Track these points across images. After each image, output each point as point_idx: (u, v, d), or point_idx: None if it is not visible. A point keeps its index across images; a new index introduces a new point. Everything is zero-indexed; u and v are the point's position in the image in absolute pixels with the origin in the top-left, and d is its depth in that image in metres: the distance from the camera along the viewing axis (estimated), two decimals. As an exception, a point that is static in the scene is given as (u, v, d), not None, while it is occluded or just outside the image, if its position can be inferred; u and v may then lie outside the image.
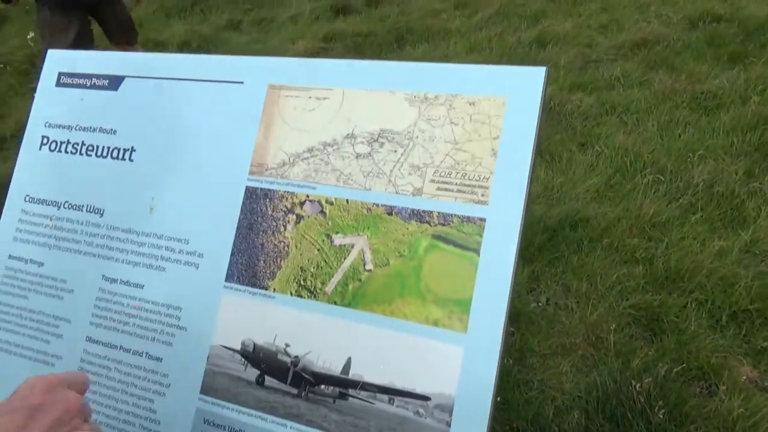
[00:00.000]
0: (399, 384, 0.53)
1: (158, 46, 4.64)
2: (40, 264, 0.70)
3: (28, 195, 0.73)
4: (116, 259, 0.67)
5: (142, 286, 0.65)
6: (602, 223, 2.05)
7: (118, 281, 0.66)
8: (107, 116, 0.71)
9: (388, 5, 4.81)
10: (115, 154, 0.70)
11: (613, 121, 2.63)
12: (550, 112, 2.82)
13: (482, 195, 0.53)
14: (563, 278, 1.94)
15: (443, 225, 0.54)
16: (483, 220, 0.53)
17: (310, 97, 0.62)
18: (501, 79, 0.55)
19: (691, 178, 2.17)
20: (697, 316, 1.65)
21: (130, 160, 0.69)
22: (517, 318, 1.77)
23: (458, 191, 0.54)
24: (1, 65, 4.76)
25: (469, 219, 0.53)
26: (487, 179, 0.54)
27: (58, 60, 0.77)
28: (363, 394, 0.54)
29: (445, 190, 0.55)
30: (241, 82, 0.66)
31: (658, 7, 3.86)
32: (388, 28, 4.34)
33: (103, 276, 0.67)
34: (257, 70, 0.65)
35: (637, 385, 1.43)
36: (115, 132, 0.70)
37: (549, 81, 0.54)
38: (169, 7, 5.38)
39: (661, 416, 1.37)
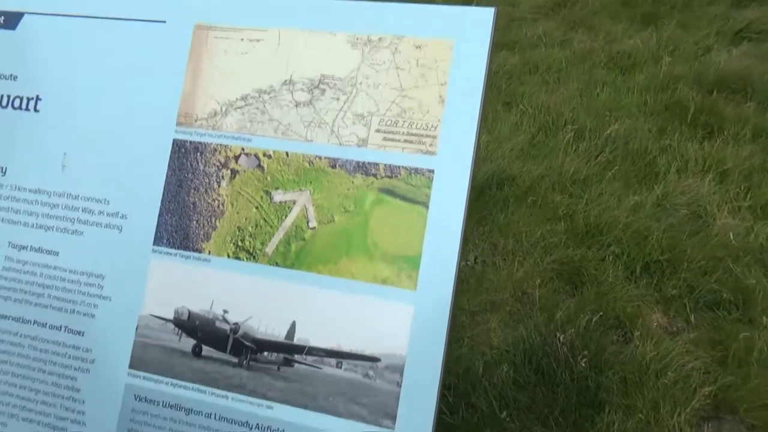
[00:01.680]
0: (347, 347, 0.51)
1: None
2: (-69, 231, 0.61)
3: None
4: (24, 224, 0.59)
5: (56, 253, 0.58)
6: (527, 181, 2.11)
7: (28, 248, 0.59)
8: (5, 59, 0.62)
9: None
10: (17, 103, 0.61)
11: (536, 80, 2.68)
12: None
13: (430, 145, 0.51)
14: (490, 236, 1.98)
15: (390, 177, 0.52)
16: (431, 171, 0.51)
17: (242, 39, 0.57)
18: (448, 20, 0.52)
19: (609, 135, 2.26)
20: (614, 269, 1.74)
21: (36, 110, 0.61)
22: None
23: (405, 141, 0.52)
24: None
25: (417, 171, 0.51)
26: (435, 128, 0.51)
27: (-63, -5, 0.66)
28: (309, 359, 0.52)
29: (392, 140, 0.52)
30: (164, 21, 0.59)
31: (576, -32, 3.94)
32: None
33: (10, 243, 0.59)
34: (182, 8, 0.59)
35: (561, 337, 1.50)
36: (15, 78, 0.62)
37: (497, 22, 0.52)
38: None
39: (583, 365, 1.44)
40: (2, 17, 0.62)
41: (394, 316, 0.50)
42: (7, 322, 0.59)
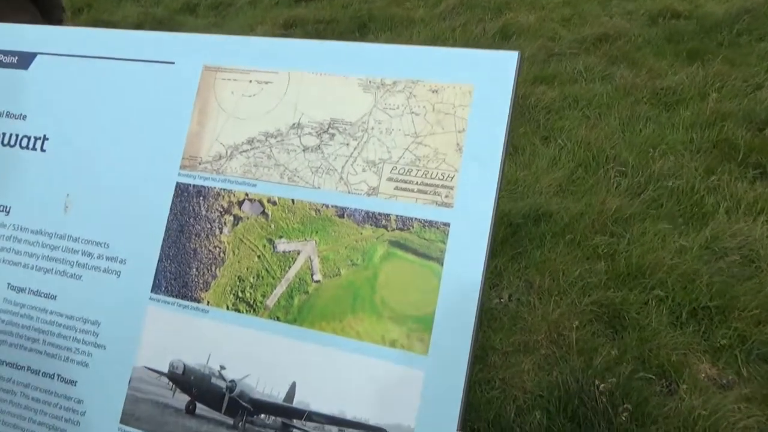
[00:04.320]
0: (350, 414, 0.46)
1: (109, 27, 4.42)
2: (-65, 269, 0.60)
3: None
4: (24, 265, 0.57)
5: (54, 297, 0.56)
6: (565, 218, 2.03)
7: (27, 290, 0.57)
8: (16, 99, 0.61)
9: (351, -8, 4.71)
10: (24, 143, 0.60)
11: (576, 114, 2.62)
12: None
13: (446, 196, 0.47)
14: (526, 274, 1.91)
15: (402, 230, 0.47)
16: (447, 225, 0.46)
17: (250, 81, 0.54)
18: (468, 64, 0.48)
19: (652, 173, 2.16)
20: (657, 314, 1.64)
21: (42, 150, 0.59)
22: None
23: (419, 191, 0.48)
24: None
25: (431, 223, 0.47)
26: (452, 178, 0.47)
27: (-40, 32, 0.66)
28: (309, 425, 0.47)
29: (405, 189, 0.48)
30: (172, 63, 0.57)
31: (619, 2, 3.88)
32: (350, 16, 4.24)
33: (9, 284, 0.57)
34: (190, 49, 0.57)
35: (600, 385, 1.41)
36: (24, 117, 0.61)
37: (521, 68, 0.47)
38: (121, -13, 5.14)
39: (624, 417, 1.34)
40: (16, 57, 0.62)
41: (403, 383, 0.45)
42: (2, 368, 0.56)
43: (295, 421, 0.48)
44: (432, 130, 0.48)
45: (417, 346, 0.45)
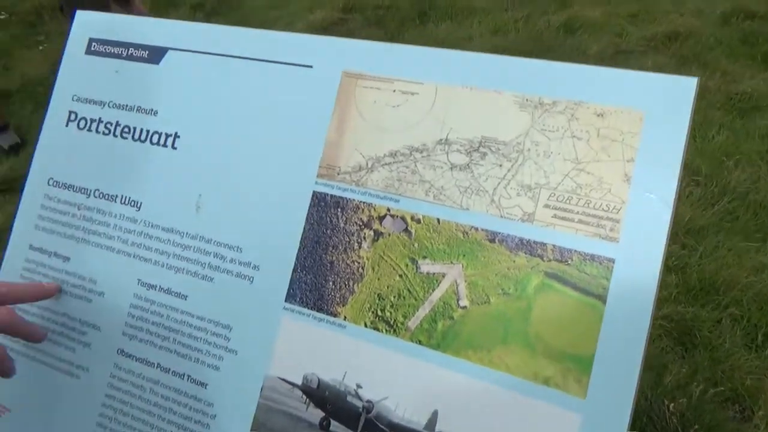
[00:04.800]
0: (496, 447, 0.45)
1: (170, 5, 4.47)
2: (66, 259, 0.61)
3: (52, 178, 0.64)
4: (155, 262, 0.58)
5: (185, 297, 0.56)
6: (633, 226, 1.97)
7: (157, 288, 0.57)
8: (147, 94, 0.61)
9: (412, -22, 4.65)
10: (155, 139, 0.60)
11: (646, 117, 2.53)
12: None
13: (611, 230, 0.44)
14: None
15: (560, 261, 0.45)
16: (611, 260, 0.44)
17: (394, 91, 0.53)
18: (638, 88, 0.46)
19: (727, 184, 2.08)
20: (731, 334, 1.58)
21: (173, 147, 0.59)
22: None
23: (580, 222, 0.45)
24: (6, 15, 4.59)
25: (593, 258, 0.44)
26: (618, 210, 0.44)
27: (89, 23, 0.66)
28: (452, 455, 0.46)
29: (564, 219, 0.46)
30: (310, 66, 0.56)
31: (689, -2, 3.73)
32: (411, 2, 4.18)
33: (139, 280, 0.58)
34: (330, 53, 0.56)
35: (670, 405, 1.37)
36: (155, 113, 0.61)
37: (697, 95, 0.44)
38: (184, -36, 5.18)
39: (696, 439, 1.30)
40: (147, 51, 0.62)
41: (556, 426, 0.43)
42: (132, 362, 0.57)
43: (434, 448, 0.47)
44: (596, 157, 0.46)
45: (573, 387, 0.43)
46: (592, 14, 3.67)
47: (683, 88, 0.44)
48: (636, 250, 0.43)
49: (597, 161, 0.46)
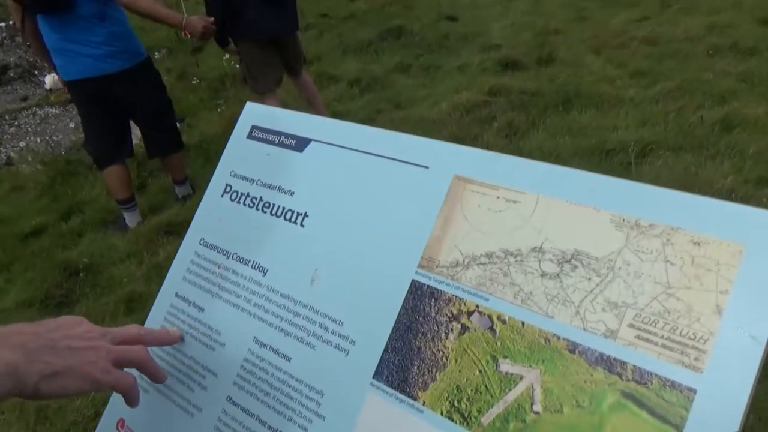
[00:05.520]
0: None
1: (331, 79, 4.94)
2: (201, 309, 0.72)
3: (203, 238, 0.76)
4: (270, 324, 0.66)
5: (289, 359, 0.63)
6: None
7: (268, 347, 0.65)
8: (288, 176, 0.72)
9: (560, 65, 4.70)
10: (288, 216, 0.70)
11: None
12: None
13: (695, 359, 0.44)
14: None
15: (638, 383, 0.45)
16: (693, 391, 0.43)
17: (498, 197, 0.57)
18: (740, 220, 0.46)
19: None
20: None
21: (302, 225, 0.68)
22: None
23: (663, 346, 0.45)
24: (198, 81, 5.37)
25: (674, 385, 0.44)
26: (706, 341, 0.44)
27: (255, 113, 0.80)
28: None
29: (647, 341, 0.46)
30: (426, 167, 0.62)
31: None
32: (556, 89, 4.22)
33: (255, 338, 0.66)
34: (445, 157, 0.62)
35: None
36: (292, 194, 0.70)
37: (804, 234, 0.43)
38: (347, 44, 5.74)
39: None
40: (294, 140, 0.73)
41: None
42: (237, 410, 0.64)
43: None
44: (688, 284, 0.46)
45: None
46: (754, 112, 3.43)
47: (788, 225, 0.44)
48: (721, 384, 0.42)
49: (688, 288, 0.46)
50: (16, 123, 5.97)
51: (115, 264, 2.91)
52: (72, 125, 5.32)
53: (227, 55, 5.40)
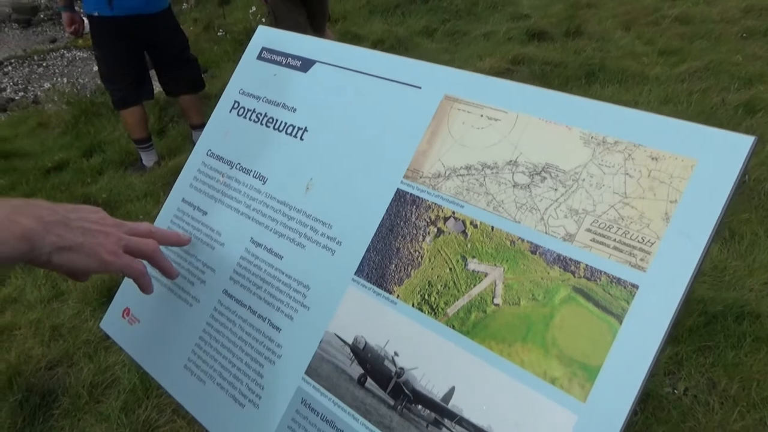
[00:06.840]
0: (498, 431, 0.50)
1: (355, 38, 4.93)
2: (204, 213, 0.77)
3: (210, 150, 0.81)
4: (266, 226, 0.71)
5: (281, 257, 0.68)
6: (776, 324, 1.78)
7: (263, 247, 0.70)
8: (292, 94, 0.76)
9: (588, 39, 4.63)
10: (290, 130, 0.74)
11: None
12: (743, 186, 2.51)
13: (641, 259, 0.48)
14: (711, 371, 1.72)
15: (588, 279, 0.50)
16: (635, 286, 0.48)
17: (482, 115, 0.61)
18: (696, 139, 0.49)
19: None
20: None
21: (301, 139, 0.73)
22: (645, 398, 1.61)
23: (614, 248, 0.50)
24: (223, 33, 5.38)
25: (619, 281, 0.48)
26: (652, 244, 0.48)
27: (264, 36, 0.84)
28: (457, 429, 0.52)
29: (600, 243, 0.50)
30: (419, 87, 0.66)
31: None
32: (580, 62, 4.17)
33: (251, 239, 0.71)
34: (437, 79, 0.66)
35: None
36: (295, 110, 0.75)
37: (752, 153, 0.47)
38: (375, 5, 5.68)
39: None
40: (300, 61, 0.77)
41: (555, 421, 0.47)
42: (231, 301, 0.70)
43: (446, 420, 0.53)
44: (642, 194, 0.50)
45: (576, 390, 0.47)
46: (780, 97, 3.37)
47: (739, 145, 0.47)
48: (660, 282, 0.47)
49: (642, 198, 0.50)
50: (44, 64, 6.07)
51: (132, 201, 3.00)
52: (97, 69, 5.40)
53: (254, 8, 5.39)
